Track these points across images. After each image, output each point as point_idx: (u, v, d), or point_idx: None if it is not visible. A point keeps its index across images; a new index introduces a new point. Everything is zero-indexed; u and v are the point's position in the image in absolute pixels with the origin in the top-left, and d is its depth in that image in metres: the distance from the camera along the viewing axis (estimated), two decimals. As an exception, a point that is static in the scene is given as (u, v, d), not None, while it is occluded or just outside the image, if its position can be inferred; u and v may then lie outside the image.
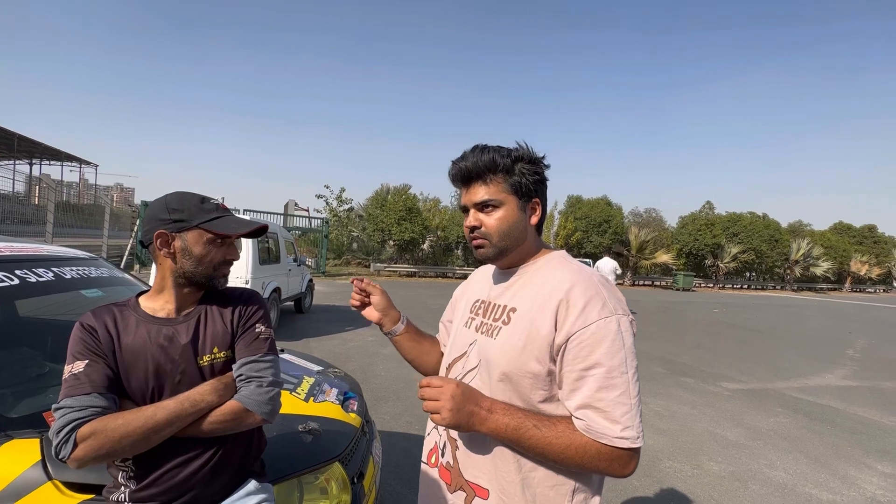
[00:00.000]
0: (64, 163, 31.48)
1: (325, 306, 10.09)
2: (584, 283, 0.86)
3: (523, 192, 0.94)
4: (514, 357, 0.87)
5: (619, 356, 0.81)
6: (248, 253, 6.38)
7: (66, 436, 0.83)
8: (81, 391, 0.87)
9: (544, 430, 0.82)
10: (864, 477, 3.30)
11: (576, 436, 0.82)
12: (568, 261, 0.97)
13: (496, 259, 0.97)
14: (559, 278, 0.90)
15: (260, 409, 1.00)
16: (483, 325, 0.98)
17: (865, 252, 37.79)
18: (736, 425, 4.19)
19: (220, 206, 1.05)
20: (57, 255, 1.89)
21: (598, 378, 0.80)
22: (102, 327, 0.95)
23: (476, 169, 0.93)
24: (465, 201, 0.97)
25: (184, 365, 0.98)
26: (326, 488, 1.39)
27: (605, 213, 26.06)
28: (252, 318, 1.08)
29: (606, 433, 0.79)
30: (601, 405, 0.80)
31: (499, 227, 0.93)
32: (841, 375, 6.52)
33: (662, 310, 14.14)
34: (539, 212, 0.97)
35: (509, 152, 0.93)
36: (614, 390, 0.80)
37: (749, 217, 31.02)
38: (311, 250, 20.51)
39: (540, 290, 0.90)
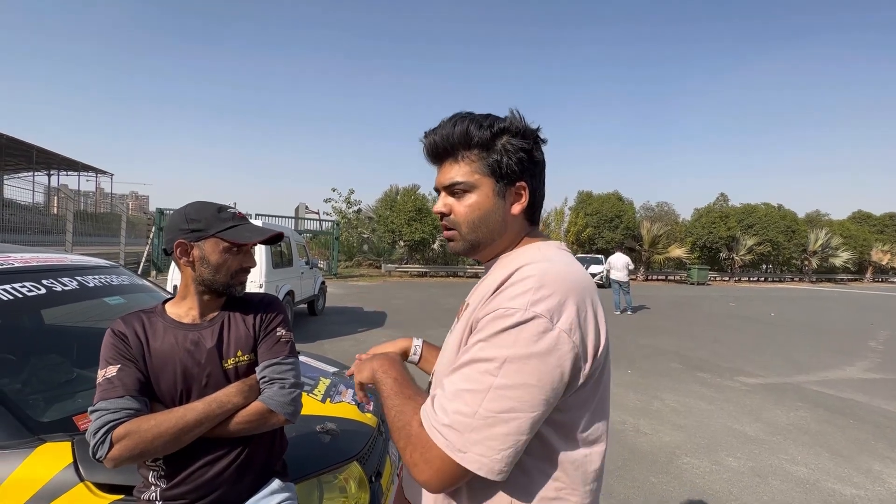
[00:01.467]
0: (80, 173, 32.20)
1: (338, 308, 10.18)
2: (529, 269, 0.69)
3: (503, 174, 0.76)
4: (451, 360, 0.72)
5: (494, 352, 0.63)
6: (262, 257, 6.47)
7: (102, 437, 0.87)
8: (115, 394, 0.92)
9: (397, 385, 0.74)
10: (888, 471, 3.23)
11: (409, 401, 0.71)
12: (541, 249, 0.78)
13: (469, 253, 0.82)
14: (513, 262, 0.74)
15: (283, 409, 1.04)
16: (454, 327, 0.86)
17: (887, 241, 36.78)
18: (755, 420, 4.13)
19: (236, 214, 1.08)
20: (80, 264, 1.95)
21: (461, 363, 0.66)
22: (133, 333, 1.00)
23: (446, 143, 0.77)
24: (435, 183, 0.82)
25: (210, 368, 1.02)
26: (345, 487, 1.42)
27: (616, 208, 25.82)
28: (273, 322, 1.13)
29: (428, 415, 0.65)
30: (444, 388, 0.66)
31: (468, 215, 0.77)
32: (863, 368, 6.37)
33: (677, 304, 13.96)
34: (525, 198, 0.79)
35: (491, 123, 0.76)
36: (465, 383, 0.64)
37: (764, 208, 30.44)
38: (323, 253, 20.70)
39: (492, 280, 0.74)
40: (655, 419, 4.06)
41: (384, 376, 0.78)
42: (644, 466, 3.15)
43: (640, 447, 3.46)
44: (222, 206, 1.08)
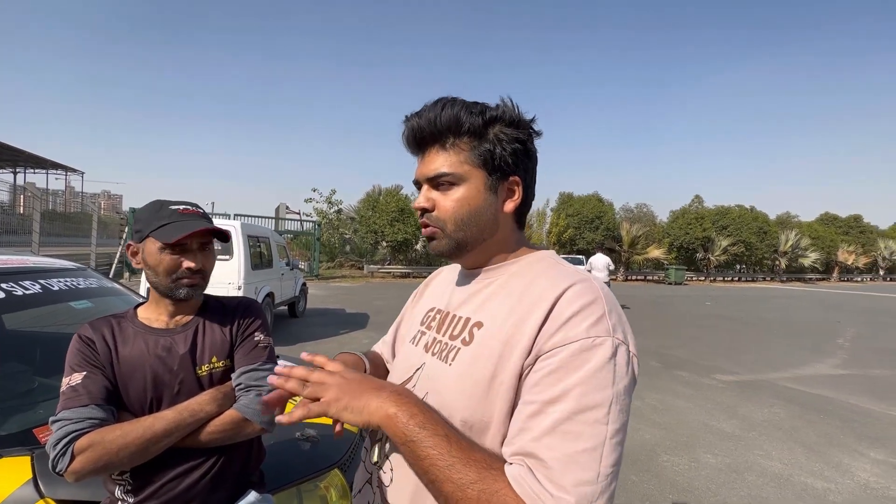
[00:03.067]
0: (49, 171, 30.99)
1: (320, 309, 10.04)
2: (581, 288, 0.61)
3: (496, 166, 0.68)
4: (480, 395, 0.60)
5: (599, 396, 0.53)
6: (241, 258, 6.32)
7: (63, 448, 0.82)
8: (79, 403, 0.86)
9: (453, 447, 0.54)
10: (857, 464, 3.35)
11: (492, 476, 0.52)
12: (560, 262, 0.71)
13: (454, 255, 0.72)
14: (548, 282, 0.64)
15: (259, 418, 0.99)
16: (435, 342, 0.72)
17: (852, 242, 38.40)
18: (731, 417, 4.24)
19: (178, 211, 1.00)
20: (43, 266, 1.85)
21: (557, 418, 0.53)
22: (100, 339, 0.95)
23: (432, 128, 0.67)
24: (416, 174, 0.72)
25: (182, 375, 0.98)
26: (326, 496, 1.38)
27: (596, 210, 26.23)
28: (251, 327, 1.09)
29: (539, 495, 0.49)
30: (548, 456, 0.51)
31: (456, 210, 0.68)
32: (832, 364, 6.62)
33: (656, 304, 14.26)
34: (519, 194, 0.71)
35: (483, 109, 0.68)
36: (575, 442, 0.52)
37: (737, 210, 31.39)
38: (304, 254, 20.39)
39: (519, 299, 0.64)
40: (636, 418, 4.12)
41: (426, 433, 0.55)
42: (625, 465, 3.19)
43: (621, 446, 3.50)
44: (165, 203, 1.01)
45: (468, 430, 0.60)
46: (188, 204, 1.03)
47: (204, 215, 1.04)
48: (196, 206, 1.04)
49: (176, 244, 0.96)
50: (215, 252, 1.07)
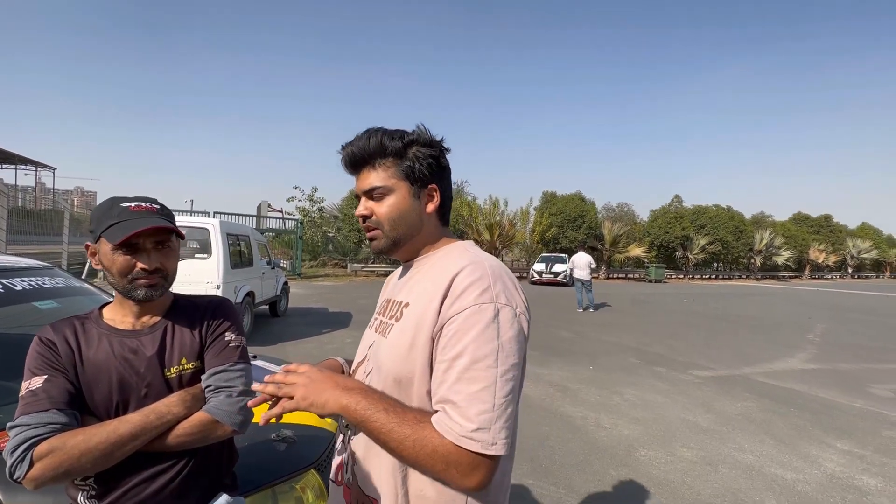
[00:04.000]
0: (18, 166, 29.80)
1: (302, 309, 9.92)
2: (472, 268, 0.78)
3: (416, 178, 0.87)
4: (403, 356, 0.79)
5: (487, 347, 0.72)
6: (219, 256, 6.19)
7: (21, 454, 0.79)
8: (39, 408, 0.83)
9: (391, 416, 0.72)
10: (824, 455, 3.48)
11: (421, 428, 0.71)
12: (468, 249, 0.89)
13: (391, 251, 0.90)
14: (449, 264, 0.82)
15: (230, 419, 0.97)
16: (382, 324, 0.91)
17: (822, 241, 39.79)
18: (706, 411, 4.35)
19: (129, 208, 0.94)
20: (6, 265, 1.78)
21: (460, 369, 0.72)
22: (63, 341, 0.91)
23: (363, 153, 0.86)
24: (355, 189, 0.91)
25: (150, 378, 0.95)
26: (302, 497, 1.36)
27: (579, 209, 26.56)
28: (221, 327, 1.06)
29: (453, 428, 0.69)
30: (457, 398, 0.70)
31: (389, 214, 0.86)
32: (802, 359, 6.85)
33: (636, 302, 14.52)
34: (437, 199, 0.90)
35: (402, 135, 0.86)
36: (474, 384, 0.70)
37: (715, 209, 32.20)
38: (286, 252, 20.11)
39: (433, 281, 0.82)
40: (615, 413, 4.19)
41: (370, 411, 0.73)
42: (604, 460, 3.24)
43: (600, 441, 3.56)
44: (118, 200, 0.96)
45: (399, 384, 0.79)
46: (143, 200, 0.98)
47: (160, 212, 0.98)
48: (152, 202, 0.99)
49: (126, 244, 0.91)
50: (176, 249, 1.02)
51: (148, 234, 0.93)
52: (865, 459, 3.42)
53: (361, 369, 0.92)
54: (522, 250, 26.95)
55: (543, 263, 20.27)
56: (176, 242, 1.01)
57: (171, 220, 1.00)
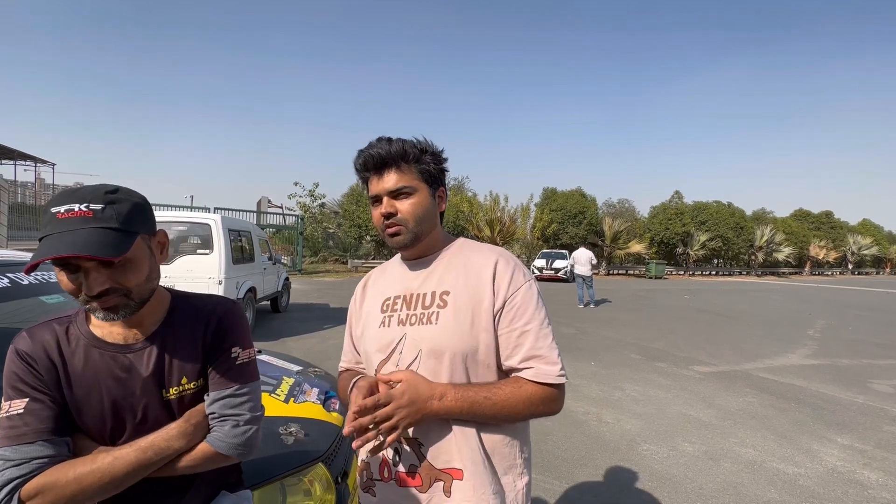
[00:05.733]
0: (17, 162, 29.72)
1: (303, 304, 9.94)
2: (505, 257, 0.99)
3: (432, 181, 0.99)
4: (466, 334, 0.92)
5: (543, 311, 0.96)
6: (221, 252, 6.20)
7: (5, 497, 0.71)
8: (23, 440, 0.74)
9: (494, 398, 0.89)
10: (825, 450, 3.49)
11: (521, 389, 0.91)
12: (477, 242, 1.06)
13: (411, 245, 0.98)
14: (483, 255, 0.99)
15: (235, 451, 0.88)
16: (410, 316, 0.98)
17: (823, 237, 39.78)
18: (708, 406, 4.36)
19: (57, 216, 0.72)
20: (11, 259, 1.78)
21: (535, 330, 0.92)
22: (43, 355, 0.79)
23: (389, 157, 0.94)
24: (376, 190, 0.97)
25: (146, 399, 0.84)
26: (310, 490, 1.37)
27: (579, 205, 26.54)
28: (227, 340, 0.92)
29: (551, 373, 0.91)
30: (542, 352, 0.92)
31: (414, 211, 0.95)
32: (803, 355, 6.86)
33: (636, 298, 14.54)
34: (445, 200, 1.05)
35: (416, 143, 0.98)
36: (547, 338, 0.94)
37: (715, 206, 32.16)
38: (287, 248, 20.12)
39: (468, 269, 0.97)
40: (617, 409, 4.21)
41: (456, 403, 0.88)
42: (606, 455, 3.26)
43: (602, 436, 3.58)
44: (52, 202, 0.75)
45: (464, 359, 0.92)
46: (79, 200, 0.74)
47: (99, 216, 0.73)
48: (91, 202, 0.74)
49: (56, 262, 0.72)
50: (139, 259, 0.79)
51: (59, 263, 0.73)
52: (866, 454, 3.44)
53: (391, 364, 0.98)
54: (523, 246, 26.95)
55: (544, 259, 20.28)
56: (137, 250, 0.78)
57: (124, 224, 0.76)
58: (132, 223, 0.77)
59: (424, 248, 1.02)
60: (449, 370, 0.92)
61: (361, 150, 0.97)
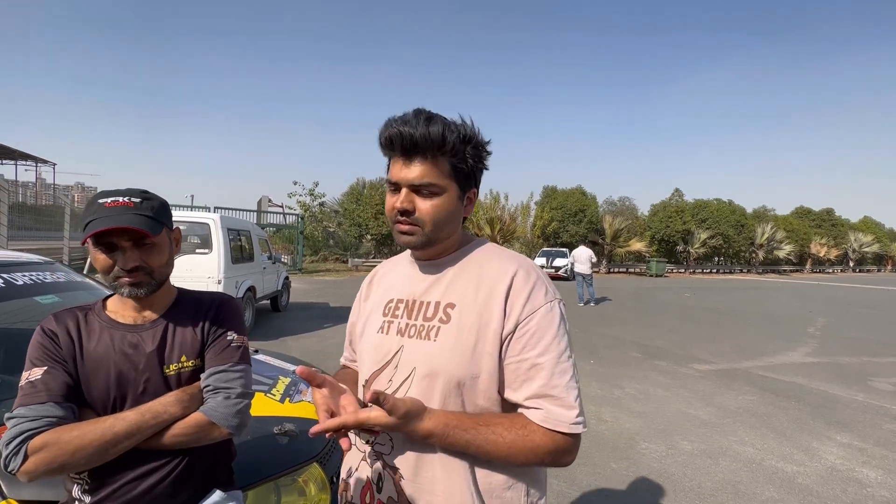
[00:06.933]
0: (18, 161, 29.74)
1: (303, 304, 9.93)
2: (526, 269, 0.82)
3: (465, 179, 0.83)
4: (467, 358, 0.77)
5: (564, 341, 0.79)
6: (220, 251, 6.19)
7: (16, 447, 0.79)
8: (37, 400, 0.83)
9: (487, 429, 0.74)
10: (825, 448, 3.48)
11: (526, 438, 0.74)
12: (500, 248, 0.90)
13: (421, 248, 0.85)
14: (499, 265, 0.83)
15: (226, 422, 0.95)
16: (410, 327, 0.84)
17: (824, 235, 39.72)
18: (707, 405, 4.36)
19: (105, 205, 0.90)
20: (7, 260, 1.78)
21: (551, 364, 0.76)
22: (64, 332, 0.91)
23: (424, 142, 0.77)
24: (397, 177, 0.80)
25: (148, 374, 0.94)
26: (304, 489, 1.37)
27: (580, 203, 26.50)
28: (223, 326, 1.03)
29: (564, 420, 0.75)
30: (556, 392, 0.75)
31: (435, 215, 0.80)
32: (803, 353, 6.85)
33: (637, 296, 14.52)
34: (474, 203, 0.89)
35: (458, 129, 0.79)
36: (565, 375, 0.77)
37: (716, 203, 32.11)
38: (287, 247, 20.11)
39: (480, 281, 0.82)
40: (616, 407, 4.20)
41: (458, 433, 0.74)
42: (605, 453, 3.25)
43: (601, 435, 3.57)
44: (99, 196, 0.92)
45: (461, 387, 0.78)
46: (123, 194, 0.93)
47: (139, 206, 0.92)
48: (132, 195, 0.94)
49: (100, 242, 0.89)
50: (162, 244, 0.96)
51: (120, 233, 0.89)
52: (866, 452, 3.43)
53: (384, 377, 0.85)
54: (523, 245, 26.93)
55: (544, 258, 20.25)
56: (162, 237, 0.95)
57: (155, 214, 0.94)
58: (161, 216, 0.96)
59: (438, 251, 0.88)
60: (441, 396, 0.78)
61: (392, 121, 0.79)
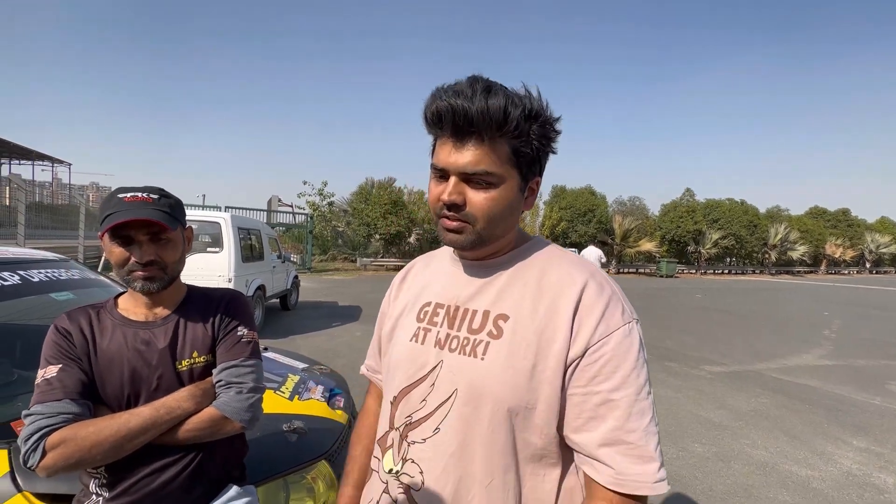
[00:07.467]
0: (35, 162, 30.38)
1: (312, 302, 10.00)
2: (598, 280, 0.68)
3: (529, 166, 0.67)
4: (522, 383, 0.64)
5: (644, 373, 0.64)
6: (231, 250, 6.26)
7: (34, 444, 0.81)
8: (53, 397, 0.84)
9: None
10: (840, 452, 3.41)
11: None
12: (564, 251, 0.76)
13: (471, 248, 0.70)
14: (564, 273, 0.69)
15: (239, 416, 0.97)
16: (451, 338, 0.71)
17: (839, 235, 38.92)
18: (719, 407, 4.29)
19: (125, 199, 0.91)
20: (23, 257, 1.81)
21: (627, 403, 0.61)
22: (77, 330, 0.93)
23: (481, 119, 0.61)
24: (445, 163, 0.65)
25: (161, 370, 0.95)
26: (313, 487, 1.37)
27: (589, 203, 26.30)
28: (234, 321, 1.05)
29: (645, 479, 0.60)
30: (632, 438, 0.60)
31: (491, 210, 0.66)
32: (818, 355, 6.73)
33: (647, 296, 14.38)
34: (536, 194, 0.73)
35: (523, 103, 0.63)
36: (644, 417, 0.62)
37: (728, 203, 31.65)
38: (296, 246, 20.26)
39: (540, 290, 0.68)
40: (626, 408, 4.16)
41: None
42: (614, 455, 3.22)
43: (610, 436, 3.54)
44: (118, 191, 0.94)
45: (513, 415, 0.65)
46: (142, 190, 0.95)
47: (157, 202, 0.94)
48: (150, 193, 0.95)
49: (119, 235, 0.90)
50: (176, 240, 0.98)
51: (138, 226, 0.91)
52: (883, 457, 3.36)
53: (416, 394, 0.73)
54: (532, 245, 26.70)
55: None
56: (177, 233, 0.97)
57: (172, 211, 0.96)
58: (177, 213, 0.98)
59: (490, 250, 0.73)
60: (488, 427, 0.65)
61: (441, 91, 0.64)
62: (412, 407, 0.73)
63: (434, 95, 0.65)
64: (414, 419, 0.72)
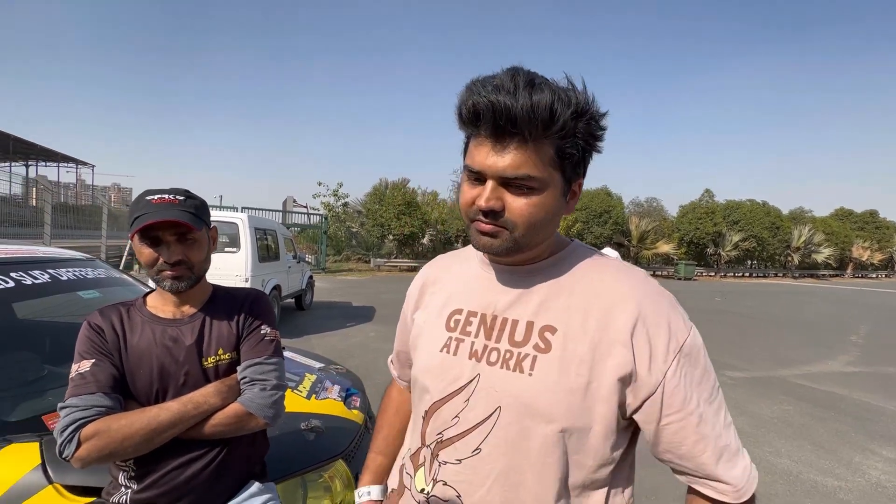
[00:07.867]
0: (60, 164, 31.40)
1: (326, 302, 10.10)
2: (654, 292, 0.65)
3: (573, 169, 0.62)
4: (577, 402, 0.60)
5: (712, 369, 0.64)
6: (248, 250, 6.36)
7: (70, 435, 0.84)
8: (87, 390, 0.88)
9: None
10: (869, 462, 3.30)
11: None
12: (607, 256, 0.71)
13: (507, 254, 0.65)
14: (614, 283, 0.65)
15: (263, 412, 1.00)
16: (490, 350, 0.66)
17: (867, 238, 37.71)
18: (740, 413, 4.19)
19: (152, 201, 0.94)
20: (52, 256, 1.87)
21: (715, 409, 0.62)
22: (109, 327, 0.96)
23: (525, 118, 0.55)
24: (483, 165, 0.59)
25: (188, 366, 0.98)
26: (330, 486, 1.38)
27: (605, 204, 25.99)
28: (258, 320, 1.08)
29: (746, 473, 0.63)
30: (725, 440, 0.62)
31: (533, 217, 0.60)
32: (844, 361, 6.52)
33: (664, 299, 14.13)
34: (578, 196, 0.68)
35: (569, 98, 0.57)
36: (721, 411, 0.64)
37: (749, 204, 30.93)
38: (311, 247, 20.51)
39: (589, 300, 0.64)
40: (643, 413, 4.09)
41: None
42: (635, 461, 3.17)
43: (627, 441, 3.49)
44: (146, 193, 0.97)
45: (567, 436, 0.61)
46: (169, 192, 0.98)
47: (183, 204, 0.97)
48: (177, 193, 0.98)
49: (148, 236, 0.94)
50: (202, 240, 1.01)
51: (166, 227, 0.94)
52: (915, 468, 3.23)
53: (447, 409, 0.67)
54: (546, 246, 26.53)
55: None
56: (202, 234, 1.00)
57: (197, 212, 0.99)
58: (203, 213, 1.02)
59: (528, 256, 0.68)
60: (541, 450, 0.61)
61: (478, 84, 0.58)
62: (443, 423, 0.68)
63: (470, 89, 0.58)
64: (445, 437, 0.67)
